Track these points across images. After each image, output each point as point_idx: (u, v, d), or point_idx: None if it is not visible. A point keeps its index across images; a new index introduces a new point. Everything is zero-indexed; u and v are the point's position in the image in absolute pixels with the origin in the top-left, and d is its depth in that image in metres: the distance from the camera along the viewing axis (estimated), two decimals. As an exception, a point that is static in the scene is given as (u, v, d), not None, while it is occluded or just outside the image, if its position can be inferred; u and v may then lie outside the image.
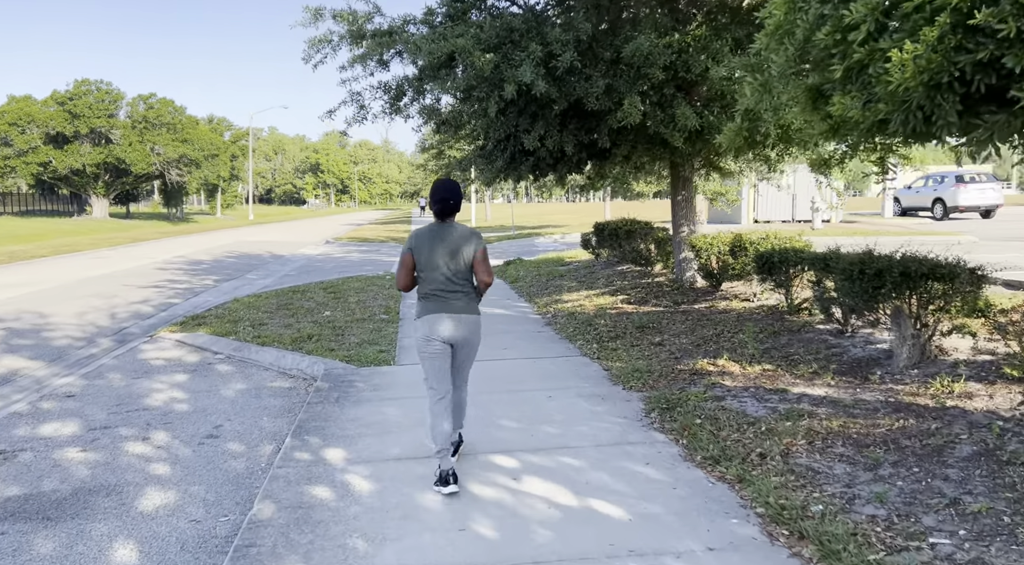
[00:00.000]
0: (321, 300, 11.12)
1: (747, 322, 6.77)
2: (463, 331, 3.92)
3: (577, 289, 10.73)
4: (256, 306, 10.63)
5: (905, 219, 26.50)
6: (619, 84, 6.73)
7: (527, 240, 25.39)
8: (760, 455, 3.93)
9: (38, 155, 54.36)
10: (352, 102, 7.50)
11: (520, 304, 10.36)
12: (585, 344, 7.21)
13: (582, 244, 14.08)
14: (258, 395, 6.33)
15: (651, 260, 10.52)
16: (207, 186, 69.90)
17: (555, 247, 22.06)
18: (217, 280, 15.64)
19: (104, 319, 10.58)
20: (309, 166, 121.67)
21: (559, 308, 9.35)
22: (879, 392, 4.62)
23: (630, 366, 6.08)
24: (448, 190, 3.92)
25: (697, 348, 6.43)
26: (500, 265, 15.95)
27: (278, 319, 9.56)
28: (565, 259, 15.38)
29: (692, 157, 8.00)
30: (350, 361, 6.94)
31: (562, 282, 11.68)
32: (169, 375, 7.11)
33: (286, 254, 22.70)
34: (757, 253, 6.93)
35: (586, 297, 9.90)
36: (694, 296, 8.45)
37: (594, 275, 11.82)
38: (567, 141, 7.16)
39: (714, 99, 6.94)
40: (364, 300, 11.05)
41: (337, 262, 19.70)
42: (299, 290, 12.28)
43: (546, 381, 6.01)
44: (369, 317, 9.49)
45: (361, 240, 27.57)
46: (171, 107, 60.32)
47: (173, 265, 18.96)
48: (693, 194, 9.07)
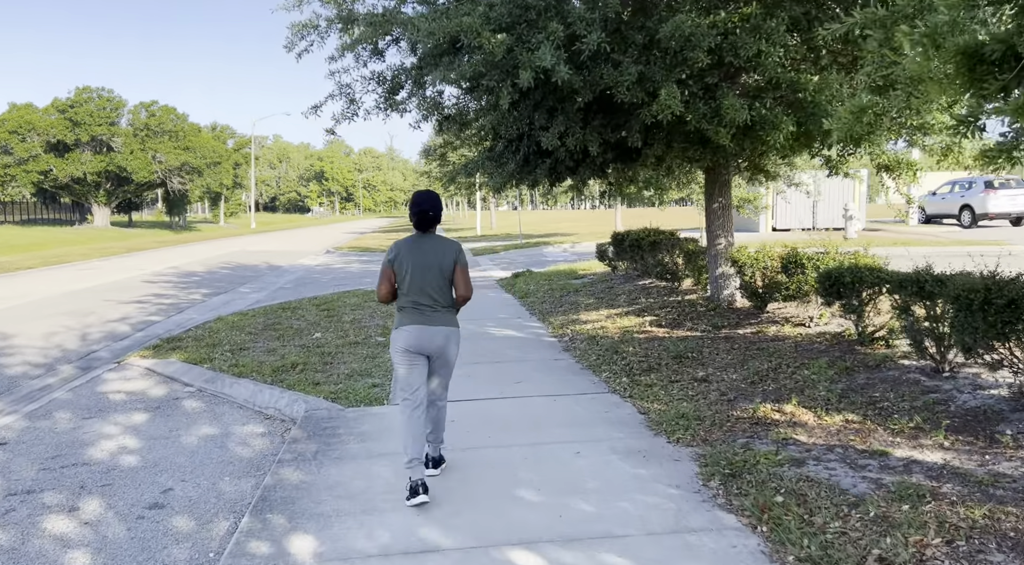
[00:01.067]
0: (312, 319, 10.07)
1: (808, 353, 5.69)
2: (438, 342, 3.90)
3: (596, 307, 9.65)
4: (240, 326, 9.59)
5: (930, 227, 25.34)
6: (654, 72, 5.68)
7: (535, 250, 24.34)
8: (881, 561, 2.85)
9: (38, 163, 53.74)
10: (341, 96, 6.48)
11: (532, 324, 9.30)
12: (612, 377, 6.14)
13: (598, 255, 13.01)
14: (224, 443, 5.27)
15: (679, 275, 9.44)
16: (210, 194, 69.19)
17: (566, 257, 20.99)
18: (207, 294, 14.63)
19: (73, 341, 9.56)
20: (313, 174, 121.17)
21: (578, 330, 8.28)
22: (1020, 461, 3.53)
23: (672, 409, 5.01)
24: (428, 201, 3.89)
25: (752, 386, 5.35)
26: (508, 278, 14.89)
27: (262, 342, 8.51)
28: (579, 271, 14.30)
29: (736, 157, 6.94)
30: (336, 399, 5.88)
31: (578, 298, 10.61)
32: (127, 414, 6.07)
33: (284, 265, 21.71)
34: (821, 271, 5.84)
35: (608, 317, 8.82)
36: (735, 318, 7.38)
37: (614, 291, 10.75)
38: (591, 139, 6.10)
39: (766, 89, 5.89)
40: (359, 319, 10.00)
41: (335, 274, 18.69)
42: (289, 307, 11.24)
43: (571, 428, 4.94)
44: (363, 340, 8.44)
45: (362, 250, 26.57)
46: (173, 114, 59.71)
47: (163, 277, 17.98)
48: (731, 201, 7.99)
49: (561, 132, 5.99)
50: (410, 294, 3.87)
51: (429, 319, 3.86)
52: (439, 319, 3.88)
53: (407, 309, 3.90)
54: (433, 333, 3.87)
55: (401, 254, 3.90)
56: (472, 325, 9.24)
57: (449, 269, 3.87)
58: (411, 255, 3.87)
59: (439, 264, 3.86)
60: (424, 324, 3.85)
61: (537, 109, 6.09)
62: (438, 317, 3.88)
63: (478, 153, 7.96)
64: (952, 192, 25.77)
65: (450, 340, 3.95)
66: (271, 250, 29.02)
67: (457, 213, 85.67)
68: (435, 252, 3.88)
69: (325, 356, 7.57)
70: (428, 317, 3.87)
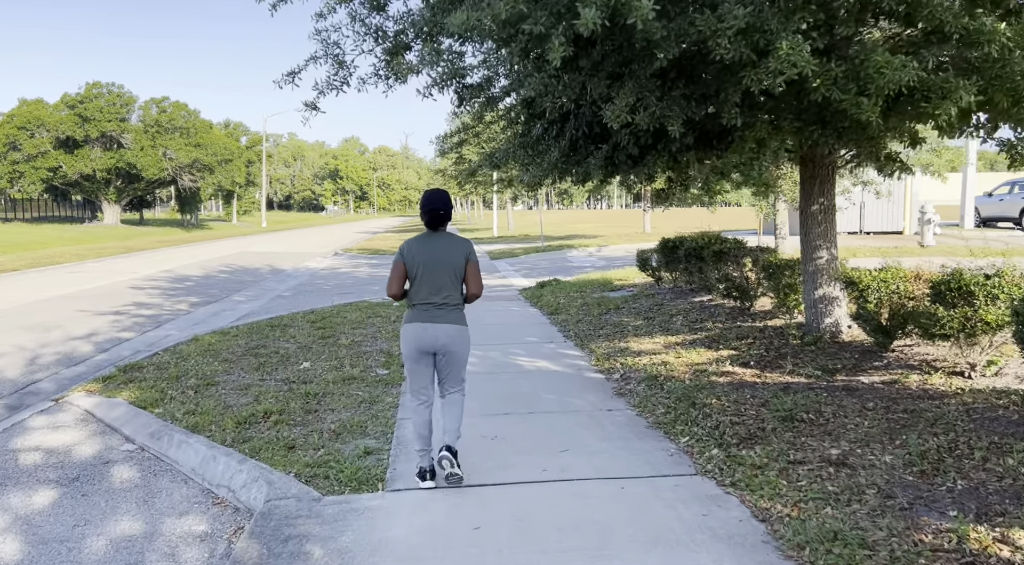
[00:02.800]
0: (304, 340, 8.41)
1: (995, 424, 3.92)
2: (445, 339, 3.91)
3: (648, 331, 7.89)
4: (216, 351, 7.95)
5: (991, 231, 23.29)
6: (767, 18, 3.94)
7: (558, 254, 22.57)
8: None
9: (47, 160, 52.85)
10: (327, 58, 4.80)
11: (569, 352, 7.57)
12: (696, 444, 4.41)
13: (639, 264, 11.23)
14: (142, 554, 3.60)
15: (751, 293, 7.67)
16: (222, 192, 68.13)
17: (592, 263, 19.24)
18: (195, 303, 13.04)
19: (16, 366, 7.97)
20: (328, 172, 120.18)
21: (630, 363, 6.55)
22: None
23: (813, 522, 3.26)
24: (438, 200, 3.91)
25: (926, 481, 3.59)
26: (532, 287, 13.16)
27: (236, 375, 6.86)
28: (614, 282, 12.54)
29: (878, 140, 5.15)
30: (313, 477, 4.19)
31: (622, 318, 8.86)
32: (27, 493, 4.42)
33: (287, 268, 20.14)
34: (1017, 303, 4.01)
35: (667, 346, 7.08)
36: (850, 359, 5.61)
37: (665, 309, 8.97)
38: (671, 116, 4.35)
39: (928, 42, 4.13)
40: (359, 341, 8.32)
41: (341, 279, 17.07)
42: (280, 324, 9.58)
43: (657, 552, 3.21)
44: (361, 374, 6.75)
45: (372, 252, 24.95)
46: (184, 111, 58.67)
47: (153, 283, 16.44)
48: (834, 201, 6.20)
49: (630, 104, 4.24)
50: (420, 291, 3.90)
51: (437, 317, 3.88)
52: (447, 317, 3.90)
53: (416, 306, 3.92)
54: (440, 331, 3.89)
55: (412, 251, 3.91)
56: (496, 351, 7.54)
57: (460, 267, 3.90)
58: (422, 252, 3.89)
59: (450, 261, 3.88)
60: (431, 322, 3.88)
61: (596, 73, 4.35)
62: (445, 315, 3.90)
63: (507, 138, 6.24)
64: (1011, 193, 23.69)
65: (457, 338, 3.94)
66: (277, 251, 27.51)
67: (472, 213, 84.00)
68: (446, 250, 3.90)
69: (309, 399, 5.89)
70: (435, 315, 3.88)
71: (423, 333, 3.87)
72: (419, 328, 3.87)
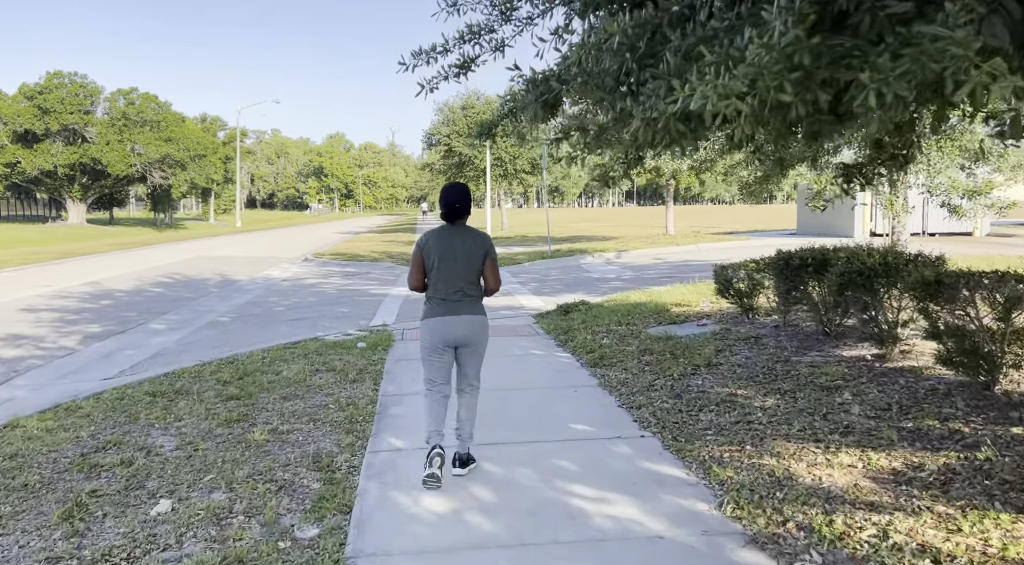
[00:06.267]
0: (194, 429, 4.91)
1: None
2: (463, 332, 3.92)
3: (799, 427, 4.34)
4: (27, 456, 4.45)
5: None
6: None
7: (570, 260, 19.08)
8: None
9: (4, 155, 48.86)
10: None
11: (666, 470, 4.07)
12: None
13: (719, 285, 7.64)
14: None
15: (995, 359, 4.21)
16: (196, 189, 64.15)
17: (618, 274, 15.75)
18: (92, 336, 9.51)
19: None
20: (312, 170, 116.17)
21: (821, 531, 3.12)
22: None
23: None
24: (455, 193, 3.94)
25: None
26: (552, 312, 9.68)
27: (15, 536, 3.37)
28: (671, 308, 9.04)
29: None
30: None
31: (724, 385, 5.38)
32: None
33: (241, 279, 16.58)
34: None
35: (877, 479, 3.63)
36: None
37: (798, 372, 5.41)
38: None
39: None
40: (285, 433, 4.82)
41: (302, 295, 13.54)
42: (170, 390, 6.02)
43: None
44: (263, 538, 3.27)
45: (348, 258, 21.36)
46: (154, 103, 54.83)
47: (60, 301, 12.85)
48: None
49: None
50: (438, 284, 3.91)
51: (455, 309, 3.89)
52: (465, 309, 3.90)
53: (434, 299, 3.94)
54: (458, 322, 3.89)
55: (431, 243, 3.93)
56: (521, 457, 4.05)
57: (479, 260, 3.91)
58: (440, 245, 3.90)
59: (468, 255, 3.89)
60: (450, 314, 3.89)
61: None
62: (464, 306, 3.90)
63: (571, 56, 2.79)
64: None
65: (478, 329, 3.95)
66: (239, 255, 23.89)
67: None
68: (464, 243, 3.90)
69: None
70: (453, 307, 3.89)
71: (443, 326, 3.89)
72: (439, 322, 3.90)
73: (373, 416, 5.17)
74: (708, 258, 18.50)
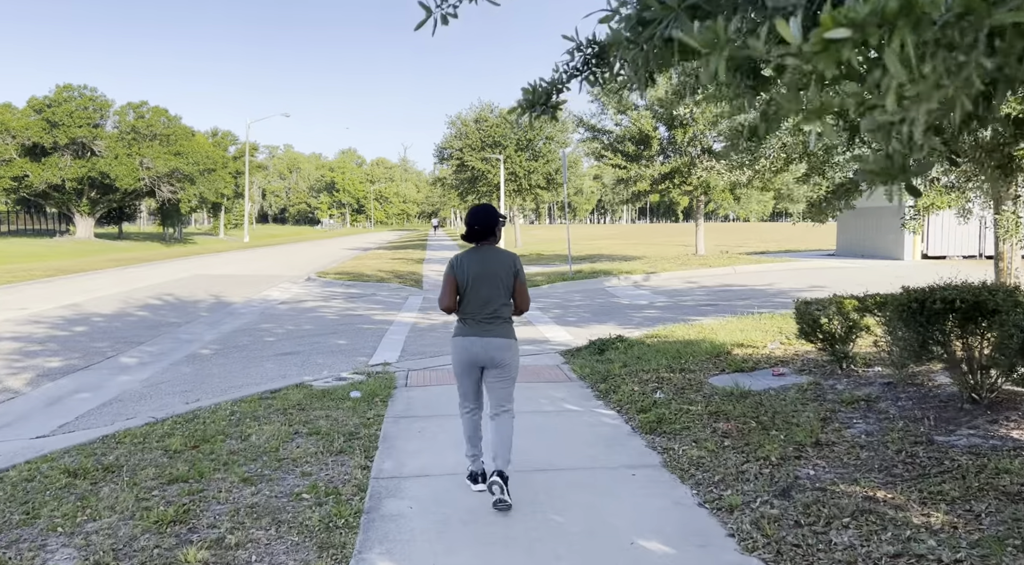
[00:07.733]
0: (105, 543, 3.43)
1: None
2: (495, 352, 3.93)
3: None
4: None
5: None
6: None
7: (593, 283, 17.56)
8: None
9: (12, 168, 48.16)
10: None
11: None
12: None
13: (805, 327, 5.90)
14: None
15: None
16: (205, 204, 63.33)
17: (650, 301, 14.21)
18: (46, 373, 8.15)
19: None
20: (324, 185, 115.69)
21: None
22: None
23: None
24: (476, 216, 3.97)
25: None
26: (584, 349, 8.19)
27: None
28: (733, 351, 7.48)
29: None
30: None
31: (852, 483, 3.82)
32: None
33: (237, 301, 15.22)
34: None
35: None
36: None
37: (953, 469, 3.85)
38: None
39: None
40: (236, 543, 3.32)
41: (298, 322, 12.13)
42: (94, 467, 4.54)
43: None
44: None
45: (354, 277, 19.97)
46: (164, 117, 54.18)
47: (31, 326, 11.52)
48: None
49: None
50: (470, 305, 3.93)
51: (486, 330, 3.92)
52: (496, 331, 3.93)
53: (466, 320, 3.96)
54: (488, 344, 3.92)
55: (463, 265, 3.94)
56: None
57: (509, 280, 3.94)
58: (471, 266, 3.92)
59: (498, 275, 3.92)
60: (480, 335, 3.92)
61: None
62: (494, 329, 3.92)
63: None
64: None
65: (507, 352, 3.96)
66: (240, 274, 22.60)
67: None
68: (494, 264, 3.93)
69: None
70: (484, 328, 3.92)
71: (472, 346, 3.93)
72: (468, 342, 3.94)
73: (360, 517, 3.71)
74: (748, 282, 16.90)
